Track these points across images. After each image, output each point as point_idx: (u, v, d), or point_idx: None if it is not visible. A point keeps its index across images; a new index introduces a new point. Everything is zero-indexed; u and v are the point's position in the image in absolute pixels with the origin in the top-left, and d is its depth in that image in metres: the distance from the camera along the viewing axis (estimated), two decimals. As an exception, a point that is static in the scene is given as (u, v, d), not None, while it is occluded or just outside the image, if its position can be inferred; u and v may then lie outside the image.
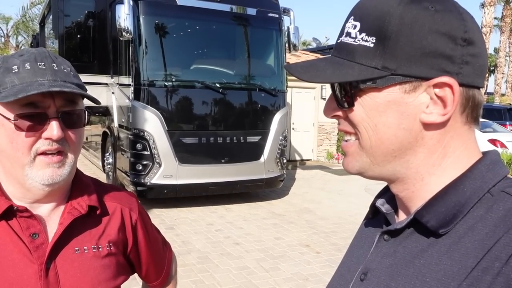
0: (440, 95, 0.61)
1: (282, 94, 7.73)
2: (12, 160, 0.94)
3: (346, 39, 0.65)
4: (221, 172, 7.03)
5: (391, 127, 0.63)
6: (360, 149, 0.67)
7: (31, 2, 24.27)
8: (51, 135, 0.92)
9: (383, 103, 0.63)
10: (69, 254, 1.00)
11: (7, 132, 0.92)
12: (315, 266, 4.88)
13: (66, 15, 7.98)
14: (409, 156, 0.65)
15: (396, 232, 0.69)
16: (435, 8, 0.61)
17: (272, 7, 7.65)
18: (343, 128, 0.69)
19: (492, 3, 23.82)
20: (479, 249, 0.58)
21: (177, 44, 7.15)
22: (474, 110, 0.64)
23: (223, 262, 4.94)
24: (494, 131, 12.21)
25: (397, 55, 0.61)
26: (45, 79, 0.91)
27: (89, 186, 1.09)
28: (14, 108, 0.91)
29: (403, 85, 0.62)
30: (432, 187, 0.65)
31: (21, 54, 0.95)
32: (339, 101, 0.67)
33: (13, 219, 0.96)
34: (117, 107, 7.40)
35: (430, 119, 0.62)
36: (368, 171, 0.68)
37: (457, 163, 0.65)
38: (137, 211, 1.18)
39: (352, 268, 0.76)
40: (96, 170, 9.77)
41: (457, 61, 0.61)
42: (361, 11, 0.65)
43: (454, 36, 0.60)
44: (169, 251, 1.32)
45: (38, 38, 12.05)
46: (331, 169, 11.37)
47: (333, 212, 7.16)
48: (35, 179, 0.94)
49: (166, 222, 6.32)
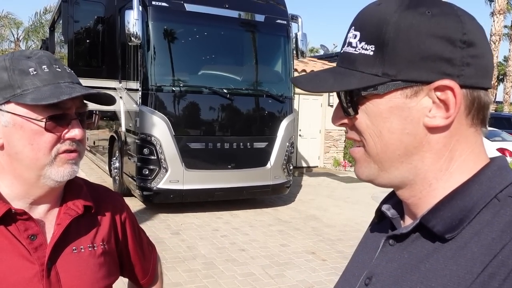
0: (442, 98, 0.61)
1: (290, 101, 7.74)
2: (28, 161, 0.94)
3: (348, 49, 0.67)
4: (228, 178, 7.03)
5: (395, 133, 0.64)
6: (367, 156, 0.68)
7: (44, 8, 24.61)
8: (75, 135, 0.96)
9: (386, 109, 0.64)
10: (67, 254, 1.01)
11: (27, 134, 0.93)
12: (321, 274, 4.85)
13: (75, 21, 8.07)
14: (417, 161, 0.65)
15: (401, 237, 0.68)
16: (432, 13, 0.61)
17: (280, 14, 7.67)
18: (351, 136, 0.70)
19: (502, 12, 23.72)
20: (486, 255, 0.57)
21: (185, 49, 7.19)
22: (480, 111, 0.64)
23: (228, 268, 4.92)
24: (503, 140, 12.13)
25: (396, 61, 0.61)
26: (65, 81, 0.95)
27: (82, 186, 1.11)
28: (37, 110, 0.92)
29: (404, 90, 0.62)
30: (439, 193, 0.65)
31: (29, 56, 0.95)
32: (345, 109, 0.68)
33: (11, 222, 0.96)
34: (125, 111, 7.44)
35: (433, 123, 0.62)
36: (378, 177, 0.69)
37: (463, 167, 0.64)
38: (126, 210, 1.21)
39: (357, 272, 0.76)
40: (102, 174, 9.81)
41: (457, 63, 0.61)
42: (361, 21, 0.66)
43: (452, 38, 0.60)
44: (154, 252, 1.35)
45: (47, 43, 12.18)
46: (338, 177, 11.33)
47: (339, 220, 7.12)
48: (52, 177, 0.96)
49: (172, 227, 6.32)
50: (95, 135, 10.11)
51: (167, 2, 6.73)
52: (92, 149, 10.75)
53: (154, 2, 6.65)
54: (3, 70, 0.93)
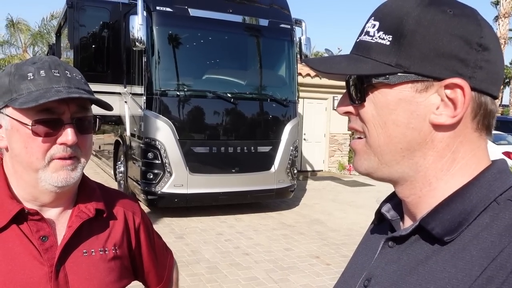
0: (451, 97, 0.62)
1: (293, 105, 7.74)
2: (25, 164, 0.96)
3: (365, 37, 0.67)
4: (232, 182, 7.03)
5: (400, 126, 0.64)
6: (368, 147, 0.68)
7: (51, 15, 24.75)
8: (66, 141, 0.95)
9: (394, 101, 0.64)
10: (77, 257, 1.02)
11: (22, 137, 0.94)
12: (325, 278, 4.83)
13: (81, 25, 8.12)
14: (418, 158, 0.65)
15: (401, 239, 0.69)
16: (453, 12, 0.62)
17: (284, 18, 7.69)
18: (353, 126, 0.70)
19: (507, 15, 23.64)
20: (484, 258, 0.57)
21: (189, 54, 7.22)
22: (485, 117, 0.64)
23: (232, 272, 4.91)
24: (509, 143, 12.06)
25: (412, 53, 0.62)
26: (61, 86, 0.95)
27: (95, 190, 1.11)
28: (30, 114, 0.93)
29: (415, 83, 0.63)
30: (439, 193, 0.65)
31: (34, 62, 0.97)
32: (351, 97, 0.68)
33: (24, 222, 0.98)
34: (130, 116, 7.47)
35: (439, 120, 0.62)
36: (377, 171, 0.68)
37: (465, 169, 0.65)
38: (140, 215, 1.20)
39: (356, 274, 0.76)
40: (108, 179, 9.84)
41: (471, 65, 0.61)
42: (381, 12, 0.67)
43: (469, 40, 0.61)
44: (171, 257, 1.33)
45: (54, 48, 12.26)
46: (342, 180, 11.30)
47: (344, 224, 7.10)
48: (48, 181, 0.96)
49: (176, 231, 6.32)
50: (100, 139, 10.15)
51: (171, 8, 6.78)
52: (97, 154, 10.79)
53: (158, 8, 6.69)
54: (7, 76, 0.96)
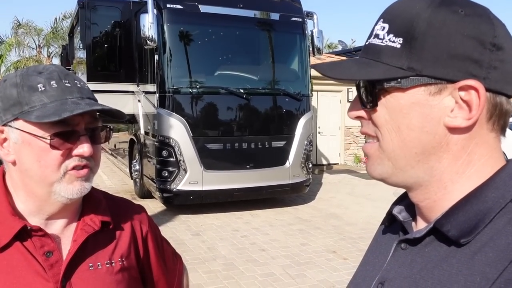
0: (466, 99, 0.60)
1: (307, 99, 7.70)
2: (38, 178, 0.94)
3: (374, 40, 0.66)
4: (246, 178, 7.03)
5: (414, 130, 0.62)
6: (381, 152, 0.66)
7: (63, 15, 25.03)
8: (83, 152, 0.94)
9: (407, 105, 0.62)
10: (83, 271, 0.99)
11: (34, 150, 0.92)
12: (342, 273, 4.79)
13: (93, 24, 8.17)
14: (433, 162, 0.63)
15: (414, 241, 0.67)
16: (465, 12, 0.60)
17: (295, 11, 7.63)
18: (365, 131, 0.69)
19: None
20: (502, 260, 0.56)
21: (200, 51, 7.22)
22: (501, 118, 0.63)
23: (249, 268, 4.91)
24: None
25: (424, 56, 0.60)
26: (74, 97, 0.93)
27: (101, 201, 1.08)
28: (44, 126, 0.91)
29: (428, 86, 0.61)
30: (454, 196, 0.63)
31: (40, 72, 0.94)
32: (363, 102, 0.66)
33: (27, 238, 0.95)
34: (143, 114, 7.52)
35: (454, 123, 0.61)
36: (392, 176, 0.67)
37: (482, 171, 0.63)
38: (147, 223, 1.18)
39: (367, 277, 0.75)
40: (124, 177, 9.94)
41: (485, 66, 0.59)
42: (391, 14, 0.65)
43: (482, 40, 0.59)
44: (180, 263, 1.30)
45: (67, 48, 12.40)
46: (358, 173, 11.22)
47: (360, 217, 7.04)
48: (62, 194, 0.94)
49: (192, 228, 6.35)
50: (116, 138, 10.25)
51: (181, 4, 6.78)
52: (113, 152, 10.90)
53: (168, 5, 6.69)
54: (13, 87, 0.93)
